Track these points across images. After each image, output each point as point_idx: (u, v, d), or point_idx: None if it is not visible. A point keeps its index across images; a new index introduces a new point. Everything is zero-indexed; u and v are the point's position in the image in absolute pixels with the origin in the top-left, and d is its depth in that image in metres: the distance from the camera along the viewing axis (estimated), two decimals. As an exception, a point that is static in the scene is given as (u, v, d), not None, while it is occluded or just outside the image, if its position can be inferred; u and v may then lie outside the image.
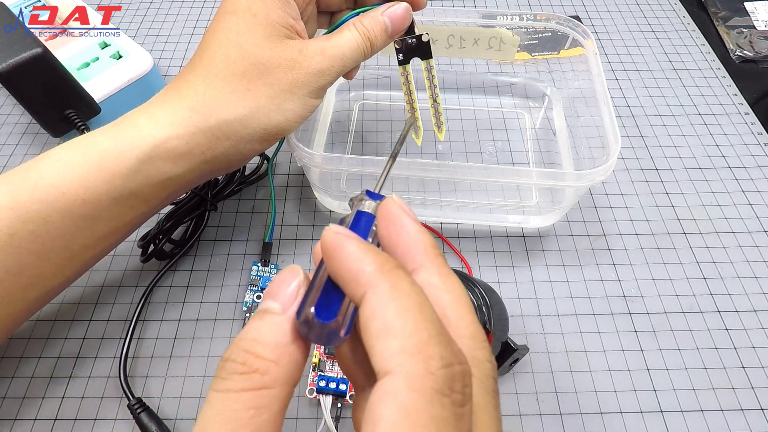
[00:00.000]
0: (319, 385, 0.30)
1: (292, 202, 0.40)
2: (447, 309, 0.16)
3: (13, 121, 0.46)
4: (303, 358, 0.16)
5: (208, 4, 0.57)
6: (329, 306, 0.15)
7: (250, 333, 0.15)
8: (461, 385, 0.14)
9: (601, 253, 0.37)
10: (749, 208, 0.40)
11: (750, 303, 0.35)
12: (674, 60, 0.50)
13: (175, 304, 0.35)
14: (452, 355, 0.14)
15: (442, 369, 0.13)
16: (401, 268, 0.15)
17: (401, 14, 0.29)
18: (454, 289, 0.16)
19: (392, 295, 0.14)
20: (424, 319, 0.14)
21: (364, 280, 0.15)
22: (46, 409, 0.31)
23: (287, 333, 0.15)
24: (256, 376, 0.14)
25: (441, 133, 0.34)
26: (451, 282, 0.17)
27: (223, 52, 0.26)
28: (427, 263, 0.17)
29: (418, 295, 0.15)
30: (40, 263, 0.25)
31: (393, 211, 0.18)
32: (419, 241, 0.17)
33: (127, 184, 0.25)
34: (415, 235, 0.17)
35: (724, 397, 0.31)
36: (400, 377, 0.13)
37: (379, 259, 0.15)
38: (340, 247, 0.16)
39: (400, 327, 0.14)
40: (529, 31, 0.41)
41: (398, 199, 0.18)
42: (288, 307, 0.16)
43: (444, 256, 0.17)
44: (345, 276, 0.15)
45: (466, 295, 0.17)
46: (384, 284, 0.15)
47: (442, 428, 0.13)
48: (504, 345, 0.29)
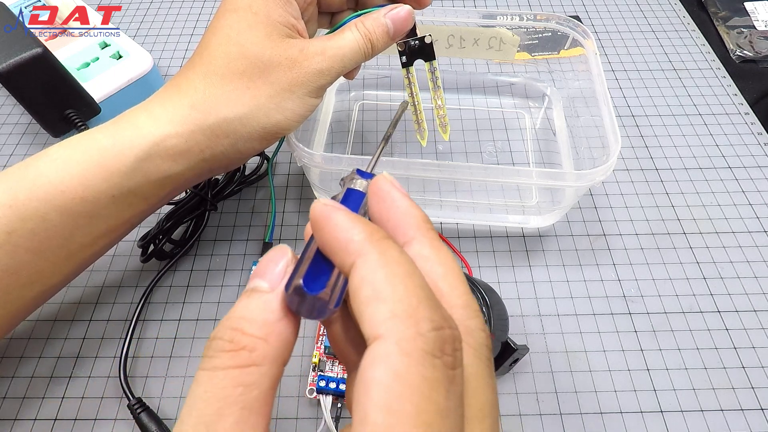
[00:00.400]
0: (319, 385, 0.30)
1: (292, 202, 0.40)
2: (439, 281, 0.16)
3: (13, 121, 0.46)
4: (293, 335, 0.16)
5: (208, 4, 0.57)
6: (318, 278, 0.15)
7: (238, 311, 0.15)
8: (452, 348, 0.14)
9: (601, 253, 0.37)
10: (749, 208, 0.40)
11: (750, 303, 0.35)
12: (674, 60, 0.50)
13: (175, 304, 0.35)
14: (442, 318, 0.14)
15: (433, 331, 0.13)
16: (390, 238, 0.15)
17: (403, 16, 0.29)
18: (446, 261, 0.17)
19: (381, 262, 0.14)
20: (414, 285, 0.14)
21: (353, 249, 0.15)
22: (46, 409, 0.31)
23: (276, 310, 0.15)
24: (244, 353, 0.14)
25: (446, 134, 0.34)
26: (443, 254, 0.17)
27: (223, 50, 0.26)
28: (419, 236, 0.17)
29: (407, 263, 0.15)
30: (39, 261, 0.25)
31: (383, 187, 0.18)
32: (411, 215, 0.17)
33: (126, 182, 0.25)
34: (406, 209, 0.17)
35: (724, 397, 0.31)
36: (390, 341, 0.13)
37: (368, 228, 0.15)
38: (329, 218, 0.16)
39: (389, 292, 0.14)
40: (529, 31, 0.41)
41: (389, 176, 0.18)
42: (276, 285, 0.16)
43: (435, 230, 0.17)
44: (334, 246, 0.15)
45: (458, 266, 0.17)
46: (373, 252, 0.15)
47: (434, 389, 0.13)
48: (504, 345, 0.29)
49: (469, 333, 0.15)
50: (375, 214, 0.18)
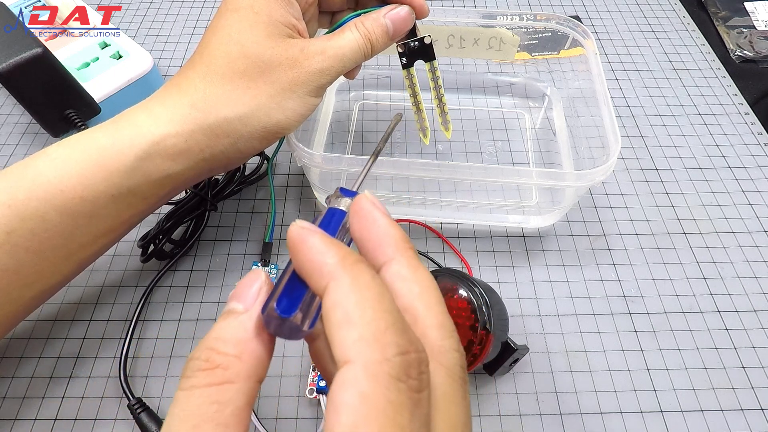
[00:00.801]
0: (319, 385, 0.30)
1: (292, 202, 0.40)
2: (415, 300, 0.16)
3: (13, 121, 0.46)
4: (267, 353, 0.16)
5: (208, 4, 0.57)
6: (291, 299, 0.16)
7: (214, 332, 0.16)
8: (417, 372, 0.14)
9: (601, 253, 0.37)
10: (749, 208, 0.40)
11: (750, 303, 0.35)
12: (674, 60, 0.50)
13: (175, 304, 0.35)
14: (408, 342, 0.14)
15: (398, 356, 0.14)
16: (363, 261, 0.16)
17: (403, 17, 0.29)
18: (423, 281, 0.17)
19: (353, 287, 0.15)
20: (383, 309, 0.14)
21: (326, 272, 0.15)
22: (46, 409, 0.31)
23: (249, 329, 0.16)
24: (218, 371, 0.15)
25: (448, 132, 0.34)
26: (420, 274, 0.17)
27: (224, 50, 0.26)
28: (398, 256, 0.17)
29: (378, 287, 0.15)
30: (38, 261, 0.25)
31: (364, 206, 0.18)
32: (390, 235, 0.17)
33: (126, 182, 0.25)
34: (385, 228, 0.17)
35: (724, 397, 0.31)
36: (358, 365, 0.14)
37: (341, 252, 0.16)
38: (304, 241, 0.16)
39: (359, 317, 0.14)
40: (529, 31, 0.41)
41: (370, 195, 0.18)
42: (250, 305, 0.16)
43: (414, 249, 0.18)
44: (308, 269, 0.16)
45: (435, 286, 0.17)
46: (345, 276, 0.15)
47: (398, 412, 0.13)
48: (504, 345, 0.29)
49: (442, 353, 0.16)
50: (355, 233, 0.18)
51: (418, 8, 0.30)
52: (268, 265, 0.36)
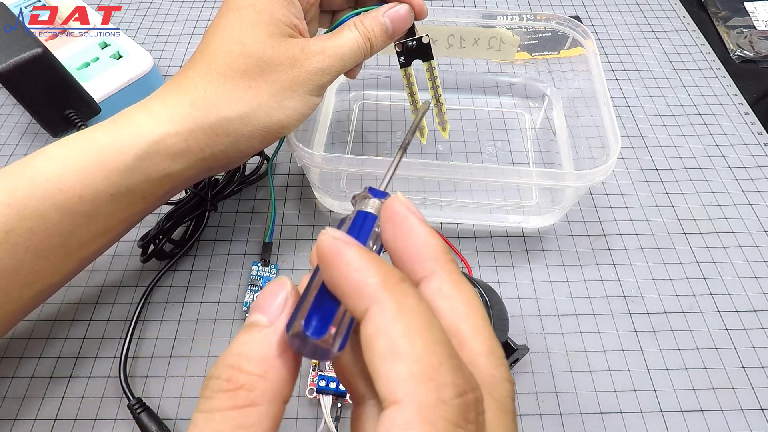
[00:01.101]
0: (319, 385, 0.30)
1: (292, 202, 0.40)
2: (461, 322, 0.15)
3: (13, 121, 0.46)
4: (293, 372, 0.15)
5: (208, 4, 0.57)
6: (322, 318, 0.14)
7: (235, 348, 0.14)
8: (475, 414, 0.13)
9: (601, 253, 0.37)
10: (749, 208, 0.40)
11: (750, 303, 0.35)
12: (674, 60, 0.50)
13: (175, 304, 0.35)
14: (465, 381, 0.13)
15: (456, 398, 0.12)
16: (406, 281, 0.14)
17: (402, 15, 0.29)
18: (469, 300, 0.15)
19: (398, 312, 0.13)
20: (434, 341, 0.13)
21: (367, 294, 0.14)
22: (46, 409, 0.31)
23: (274, 346, 0.14)
24: (242, 392, 0.13)
25: (445, 132, 0.34)
26: (465, 291, 0.15)
27: (224, 49, 0.26)
28: (439, 270, 0.15)
29: (426, 313, 0.14)
30: (37, 261, 0.25)
31: (399, 211, 0.16)
32: (430, 246, 0.16)
33: (125, 181, 0.25)
34: (424, 238, 0.16)
35: (724, 397, 0.31)
36: (410, 408, 0.12)
37: (383, 270, 0.14)
38: (340, 255, 0.14)
39: (408, 349, 0.13)
40: (529, 31, 0.41)
41: (403, 198, 0.17)
42: (275, 318, 0.15)
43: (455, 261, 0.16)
44: (345, 288, 0.14)
45: (481, 305, 0.16)
46: (389, 300, 0.13)
47: None
48: (504, 345, 0.29)
49: (493, 385, 0.14)
50: (389, 242, 0.16)
51: (417, 8, 0.30)
52: (268, 265, 0.36)
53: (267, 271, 0.36)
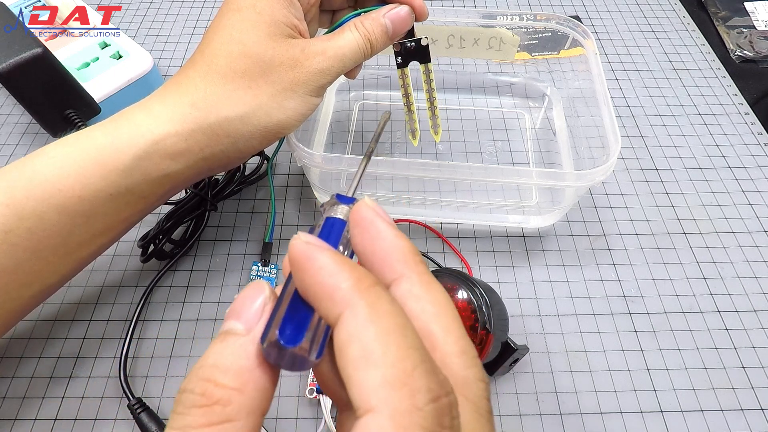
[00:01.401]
0: (319, 385, 0.30)
1: (292, 202, 0.40)
2: (432, 323, 0.15)
3: (13, 121, 0.46)
4: (273, 383, 0.14)
5: (208, 4, 0.57)
6: (296, 327, 0.14)
7: (210, 359, 0.14)
8: (450, 419, 0.13)
9: (601, 253, 0.37)
10: (749, 208, 0.40)
11: (750, 303, 0.35)
12: (674, 60, 0.50)
13: (175, 304, 0.35)
14: (439, 386, 0.13)
15: (430, 404, 0.12)
16: (379, 284, 0.14)
17: (403, 16, 0.29)
18: (439, 300, 0.15)
19: (371, 317, 0.13)
20: (408, 345, 0.13)
21: (339, 298, 0.13)
22: (46, 409, 0.31)
23: (252, 356, 0.14)
24: (217, 408, 0.13)
25: (437, 136, 0.35)
26: (435, 291, 0.15)
27: (225, 49, 0.26)
28: (408, 272, 0.15)
29: (399, 316, 0.13)
30: (37, 261, 0.25)
31: (366, 215, 0.16)
32: (398, 248, 0.16)
33: (124, 181, 0.25)
34: (392, 241, 0.16)
35: (724, 397, 0.31)
36: (384, 414, 0.12)
37: (356, 274, 0.14)
38: (311, 260, 0.14)
39: (381, 354, 0.12)
40: (529, 31, 0.41)
41: (371, 202, 0.16)
42: (253, 326, 0.14)
43: (425, 262, 0.16)
44: (317, 293, 0.14)
45: (452, 305, 0.15)
46: (362, 304, 0.13)
47: None
48: (504, 345, 0.29)
49: (467, 386, 0.14)
50: (358, 246, 0.16)
51: (418, 10, 0.30)
52: (268, 265, 0.36)
53: (267, 271, 0.36)
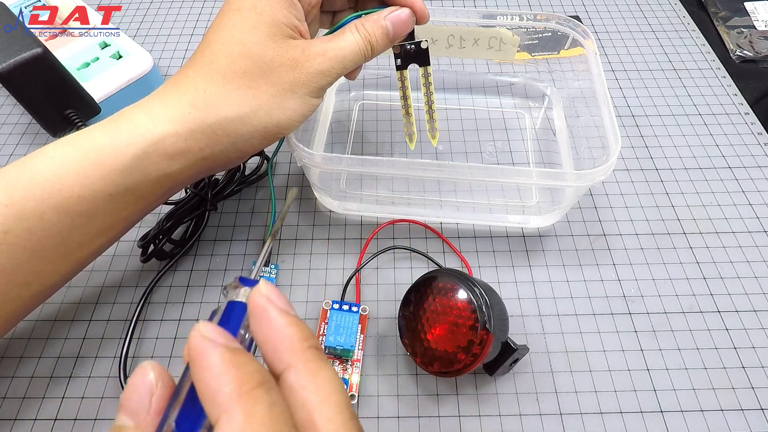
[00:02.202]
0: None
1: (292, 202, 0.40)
2: (314, 412, 0.15)
3: (13, 121, 0.46)
4: None
5: (208, 4, 0.57)
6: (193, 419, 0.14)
7: None
8: None
9: (601, 253, 0.37)
10: (749, 208, 0.40)
11: (750, 303, 0.35)
12: (674, 60, 0.50)
13: (175, 304, 0.35)
14: None
15: None
16: (264, 385, 0.14)
17: (404, 19, 0.29)
18: (324, 388, 0.15)
19: (245, 425, 0.13)
20: None
21: (219, 402, 0.14)
22: (46, 409, 0.31)
23: None
24: None
25: (434, 140, 0.35)
26: (320, 380, 0.15)
27: (225, 49, 0.26)
28: (295, 361, 0.16)
29: (275, 422, 0.14)
30: (36, 261, 0.25)
31: (259, 303, 0.16)
32: (286, 337, 0.16)
33: (124, 180, 0.25)
34: (281, 329, 0.16)
35: (724, 397, 0.31)
36: None
37: (240, 376, 0.14)
38: (203, 357, 0.14)
39: None
40: (529, 31, 0.41)
41: (266, 287, 0.16)
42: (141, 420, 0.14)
43: (318, 345, 0.16)
44: (203, 393, 0.14)
45: (339, 389, 0.16)
46: (238, 411, 0.13)
47: None
48: (504, 345, 0.29)
49: None
50: (255, 334, 0.16)
51: (419, 12, 0.30)
52: (268, 265, 0.36)
53: (267, 271, 0.36)
